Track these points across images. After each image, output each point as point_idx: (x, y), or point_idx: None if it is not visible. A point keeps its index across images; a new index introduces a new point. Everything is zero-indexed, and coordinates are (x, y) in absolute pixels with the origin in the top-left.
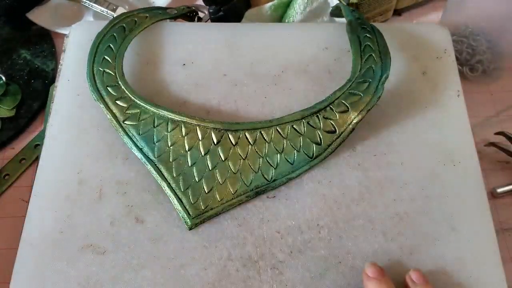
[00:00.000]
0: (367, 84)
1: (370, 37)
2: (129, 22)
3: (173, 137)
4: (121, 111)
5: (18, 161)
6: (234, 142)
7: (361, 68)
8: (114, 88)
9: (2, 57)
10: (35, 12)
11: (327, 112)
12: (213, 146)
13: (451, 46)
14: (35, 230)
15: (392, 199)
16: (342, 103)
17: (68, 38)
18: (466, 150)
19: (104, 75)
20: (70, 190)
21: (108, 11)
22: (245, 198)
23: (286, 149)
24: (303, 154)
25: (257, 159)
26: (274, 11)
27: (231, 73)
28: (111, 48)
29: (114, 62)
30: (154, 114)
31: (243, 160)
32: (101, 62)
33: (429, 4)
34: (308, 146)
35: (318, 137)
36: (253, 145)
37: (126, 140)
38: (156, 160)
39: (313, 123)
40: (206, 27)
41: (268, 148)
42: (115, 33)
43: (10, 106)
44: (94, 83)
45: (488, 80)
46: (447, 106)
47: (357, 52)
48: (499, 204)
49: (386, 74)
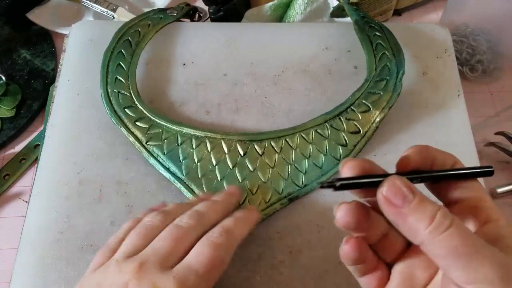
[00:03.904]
0: (385, 82)
1: (380, 35)
2: (134, 34)
3: (199, 153)
4: (143, 133)
5: (18, 161)
6: (260, 152)
7: (376, 67)
8: (132, 109)
9: (2, 57)
10: (35, 12)
11: (349, 113)
12: (240, 158)
13: (452, 46)
14: (35, 230)
15: None
16: (362, 103)
17: (68, 38)
18: (466, 150)
19: (120, 96)
20: (70, 190)
21: (108, 11)
22: (279, 206)
23: (313, 154)
24: (330, 157)
25: (285, 166)
26: (274, 11)
27: (231, 72)
28: (122, 67)
29: (128, 81)
30: (176, 132)
31: (272, 168)
32: (114, 83)
33: (429, 4)
34: (334, 148)
35: (343, 138)
36: (280, 153)
37: (153, 162)
38: (185, 178)
39: (336, 125)
40: (206, 27)
41: (295, 154)
42: (122, 49)
43: (10, 106)
44: (111, 106)
45: (488, 80)
46: (447, 106)
47: (370, 51)
48: (499, 204)
49: (403, 70)
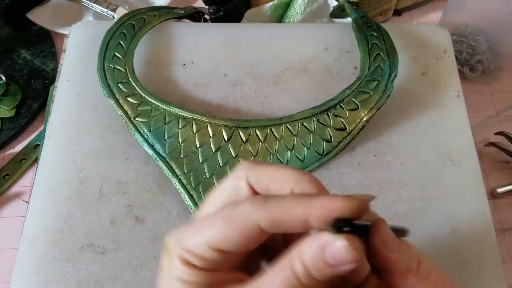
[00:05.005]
0: (376, 82)
1: (376, 35)
2: (138, 20)
3: (184, 134)
4: (132, 108)
5: (18, 161)
6: (244, 139)
7: (369, 67)
8: (125, 85)
9: (2, 57)
10: (35, 12)
11: (337, 109)
12: (224, 143)
13: (451, 46)
14: (35, 230)
15: (392, 199)
16: (352, 101)
17: (68, 38)
18: (466, 150)
19: (115, 71)
20: (70, 190)
21: (108, 11)
22: None
23: (296, 146)
24: (313, 152)
25: (267, 156)
26: (274, 11)
27: (231, 73)
28: (121, 45)
29: (125, 59)
30: (165, 111)
31: (254, 157)
32: (111, 59)
33: (429, 4)
34: (318, 143)
35: (328, 134)
36: (264, 142)
37: (137, 137)
38: (167, 156)
39: (323, 120)
40: (206, 27)
41: (279, 145)
42: (125, 30)
43: (10, 106)
44: (105, 80)
45: (488, 80)
46: (447, 107)
47: (365, 51)
48: (499, 204)
49: (395, 72)
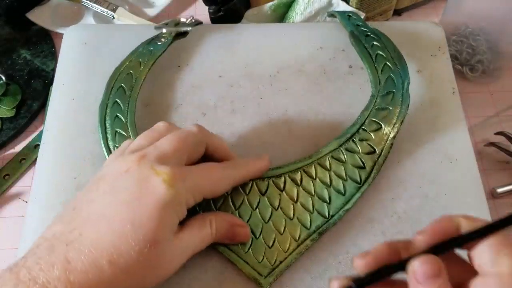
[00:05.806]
0: (392, 95)
1: (378, 44)
2: (126, 79)
3: (217, 202)
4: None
5: (18, 161)
6: (281, 188)
7: (380, 81)
8: None
9: (2, 57)
10: (35, 12)
11: (361, 134)
12: (261, 197)
13: (445, 43)
14: (35, 230)
15: (391, 198)
16: (372, 121)
17: (62, 43)
18: (462, 148)
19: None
20: (67, 196)
21: (108, 11)
22: (310, 242)
23: (333, 181)
24: (351, 182)
25: (308, 198)
26: (274, 11)
27: (227, 74)
28: (119, 119)
29: (128, 133)
30: None
31: (295, 203)
32: (114, 138)
33: (429, 4)
34: (353, 172)
35: (359, 160)
36: (300, 185)
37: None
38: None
39: (350, 148)
40: (200, 29)
41: (315, 184)
42: (118, 99)
43: (10, 106)
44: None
45: (488, 80)
46: (442, 104)
47: (370, 65)
48: (499, 204)
49: (407, 79)
